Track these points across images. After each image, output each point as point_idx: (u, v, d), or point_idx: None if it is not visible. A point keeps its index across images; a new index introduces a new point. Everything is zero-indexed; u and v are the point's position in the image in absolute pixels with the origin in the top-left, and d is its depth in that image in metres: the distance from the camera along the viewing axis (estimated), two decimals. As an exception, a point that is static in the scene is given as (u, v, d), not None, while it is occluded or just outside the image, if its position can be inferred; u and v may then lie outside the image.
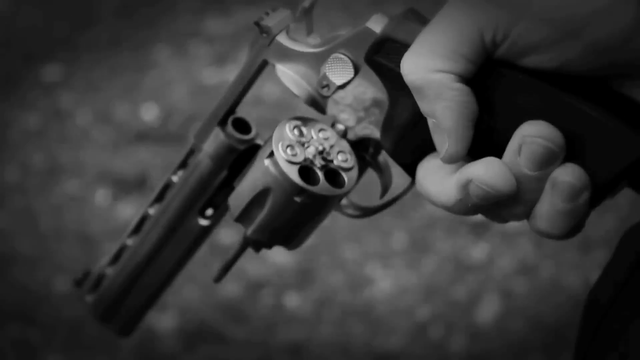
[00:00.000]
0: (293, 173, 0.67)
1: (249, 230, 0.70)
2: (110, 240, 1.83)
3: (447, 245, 1.92)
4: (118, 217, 1.96)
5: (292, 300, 1.84)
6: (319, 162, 0.68)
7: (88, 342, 1.75)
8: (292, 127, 0.68)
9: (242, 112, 0.74)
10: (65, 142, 2.13)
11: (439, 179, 0.61)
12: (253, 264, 1.86)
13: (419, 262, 1.89)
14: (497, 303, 1.79)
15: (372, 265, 1.89)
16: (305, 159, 0.68)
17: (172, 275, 0.80)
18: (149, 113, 2.20)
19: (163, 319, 1.79)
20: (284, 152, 0.67)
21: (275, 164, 0.67)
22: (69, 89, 2.25)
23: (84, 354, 1.75)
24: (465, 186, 0.58)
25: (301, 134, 0.68)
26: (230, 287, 1.83)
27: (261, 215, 0.69)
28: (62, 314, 1.78)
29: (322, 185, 0.68)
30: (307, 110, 0.70)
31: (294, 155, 0.68)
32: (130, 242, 0.80)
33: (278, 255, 1.87)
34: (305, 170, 0.68)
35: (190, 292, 1.82)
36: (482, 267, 1.88)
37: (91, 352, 1.74)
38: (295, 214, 0.68)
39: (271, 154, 0.68)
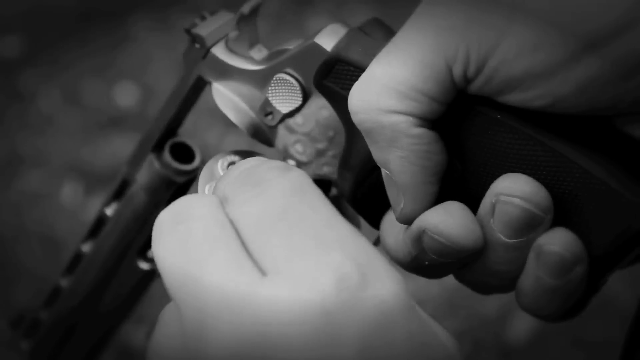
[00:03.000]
0: None
1: None
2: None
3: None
4: (88, 217, 1.88)
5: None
6: None
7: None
8: (225, 164, 0.61)
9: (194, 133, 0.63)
10: (27, 129, 2.10)
11: (396, 231, 0.56)
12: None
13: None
14: (532, 319, 1.69)
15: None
16: None
17: (118, 321, 0.77)
18: (125, 95, 2.18)
19: (140, 333, 1.76)
20: None
21: None
22: (30, 66, 2.22)
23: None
24: (419, 238, 0.53)
25: None
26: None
27: None
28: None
29: None
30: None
31: None
32: (64, 282, 0.76)
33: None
34: None
35: (170, 301, 1.78)
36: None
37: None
38: None
39: None
